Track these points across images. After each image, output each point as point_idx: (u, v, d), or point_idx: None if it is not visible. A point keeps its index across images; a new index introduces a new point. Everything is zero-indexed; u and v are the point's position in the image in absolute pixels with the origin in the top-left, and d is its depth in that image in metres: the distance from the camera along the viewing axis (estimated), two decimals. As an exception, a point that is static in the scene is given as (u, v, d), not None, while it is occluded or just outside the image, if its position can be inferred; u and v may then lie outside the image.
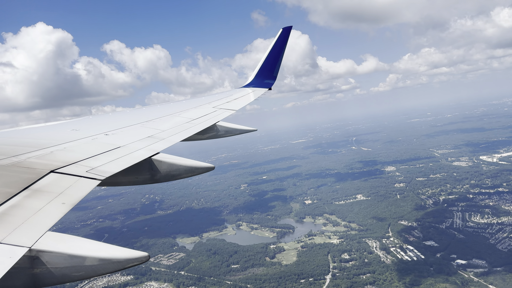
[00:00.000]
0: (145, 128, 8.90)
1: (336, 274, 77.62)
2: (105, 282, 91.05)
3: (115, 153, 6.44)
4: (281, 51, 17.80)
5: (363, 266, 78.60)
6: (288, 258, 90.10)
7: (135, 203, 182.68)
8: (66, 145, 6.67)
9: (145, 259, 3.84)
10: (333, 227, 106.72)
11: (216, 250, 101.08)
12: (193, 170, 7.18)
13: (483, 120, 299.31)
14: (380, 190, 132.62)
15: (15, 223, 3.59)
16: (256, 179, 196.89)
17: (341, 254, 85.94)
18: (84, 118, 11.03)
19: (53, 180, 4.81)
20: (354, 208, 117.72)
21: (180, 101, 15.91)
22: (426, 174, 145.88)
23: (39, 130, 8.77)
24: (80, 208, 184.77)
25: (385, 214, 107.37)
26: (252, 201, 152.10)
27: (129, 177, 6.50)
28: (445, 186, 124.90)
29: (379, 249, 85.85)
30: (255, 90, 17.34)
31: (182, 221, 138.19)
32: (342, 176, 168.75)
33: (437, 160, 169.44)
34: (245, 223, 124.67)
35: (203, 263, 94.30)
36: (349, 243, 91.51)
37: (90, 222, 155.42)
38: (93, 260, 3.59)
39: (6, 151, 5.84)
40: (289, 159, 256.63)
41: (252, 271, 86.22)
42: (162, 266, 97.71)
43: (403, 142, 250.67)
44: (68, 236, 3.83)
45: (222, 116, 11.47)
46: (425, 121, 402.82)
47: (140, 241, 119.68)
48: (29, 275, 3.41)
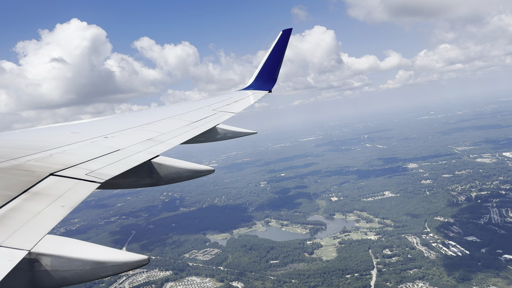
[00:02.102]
0: (144, 131, 8.88)
1: (381, 269, 77.72)
2: (145, 278, 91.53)
3: (115, 156, 6.43)
4: (281, 53, 17.76)
5: (408, 262, 78.69)
6: (327, 254, 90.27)
7: (154, 200, 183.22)
8: (66, 148, 6.65)
9: (145, 262, 3.80)
10: (366, 223, 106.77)
11: (251, 246, 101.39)
12: (192, 173, 7.13)
13: (496, 117, 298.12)
14: (408, 187, 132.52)
15: (14, 226, 3.57)
16: (274, 177, 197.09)
17: (383, 250, 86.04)
18: (84, 121, 10.99)
19: (52, 183, 4.78)
20: (385, 205, 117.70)
21: (180, 104, 15.85)
22: (451, 171, 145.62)
23: (39, 133, 8.75)
24: (100, 205, 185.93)
25: (418, 211, 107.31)
26: (276, 198, 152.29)
27: (128, 180, 6.45)
28: (474, 183, 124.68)
29: (421, 244, 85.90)
30: (255, 92, 17.34)
31: (208, 217, 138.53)
32: (364, 173, 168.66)
33: (459, 157, 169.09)
34: (274, 220, 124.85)
35: (241, 259, 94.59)
36: (388, 239, 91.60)
37: (113, 220, 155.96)
38: (92, 263, 3.56)
39: (6, 154, 5.82)
40: (303, 156, 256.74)
41: (293, 267, 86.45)
42: (198, 261, 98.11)
43: (418, 140, 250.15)
44: (67, 239, 3.82)
45: (222, 119, 11.45)
46: (435, 118, 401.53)
47: (171, 237, 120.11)
48: (29, 278, 3.38)
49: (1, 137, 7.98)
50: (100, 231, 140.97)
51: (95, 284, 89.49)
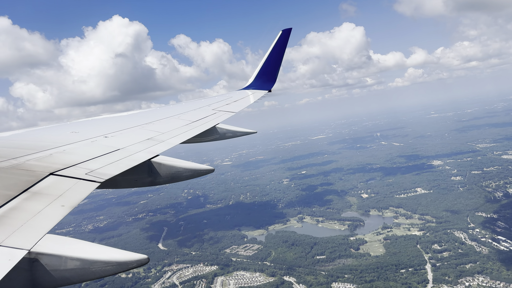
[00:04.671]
0: (144, 130, 8.89)
1: (435, 264, 78.15)
2: (191, 272, 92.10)
3: (115, 156, 6.43)
4: (281, 53, 17.78)
5: (461, 257, 79.14)
6: (373, 249, 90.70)
7: (177, 197, 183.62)
8: (66, 147, 6.64)
9: (145, 261, 3.78)
10: (406, 219, 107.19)
11: (293, 242, 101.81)
12: (192, 172, 7.14)
13: (510, 115, 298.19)
14: (440, 184, 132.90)
15: (14, 225, 3.57)
16: (295, 174, 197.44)
17: (431, 245, 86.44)
18: (84, 121, 11.00)
19: (52, 183, 4.78)
20: (421, 201, 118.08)
21: (180, 103, 15.91)
22: (479, 168, 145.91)
23: (39, 133, 8.74)
24: (123, 203, 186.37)
25: (457, 207, 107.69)
26: (304, 195, 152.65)
27: (128, 179, 6.46)
28: (507, 179, 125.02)
29: (469, 239, 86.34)
30: (255, 92, 17.34)
31: (239, 214, 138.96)
32: (389, 171, 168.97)
33: (483, 154, 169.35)
34: (308, 216, 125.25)
35: (285, 254, 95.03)
36: (434, 234, 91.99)
37: (141, 216, 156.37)
38: (92, 263, 3.57)
39: (6, 153, 5.81)
40: (319, 154, 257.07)
41: (341, 262, 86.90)
42: (241, 256, 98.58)
43: (435, 137, 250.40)
44: (67, 238, 3.83)
45: (222, 118, 11.47)
46: (445, 116, 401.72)
47: (207, 233, 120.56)
48: (28, 278, 3.39)
49: (1, 137, 7.99)
50: (130, 227, 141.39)
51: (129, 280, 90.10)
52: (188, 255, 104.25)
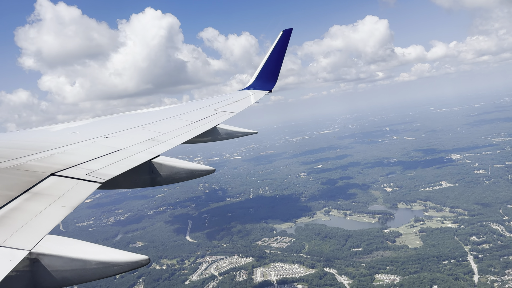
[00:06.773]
0: (145, 131, 8.91)
1: (478, 256, 78.55)
2: (228, 263, 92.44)
3: (115, 156, 6.46)
4: (281, 53, 17.70)
5: (502, 248, 79.50)
6: (410, 242, 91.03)
7: (194, 191, 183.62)
8: (66, 148, 6.66)
9: (146, 262, 3.79)
10: (437, 212, 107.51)
11: (326, 234, 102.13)
12: (193, 173, 7.18)
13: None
14: (464, 177, 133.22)
15: (15, 226, 3.58)
16: (312, 168, 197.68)
17: (470, 237, 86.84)
18: (85, 121, 11.01)
19: (53, 183, 4.79)
20: (448, 195, 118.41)
21: (181, 104, 15.95)
22: (501, 161, 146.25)
23: (40, 133, 8.78)
24: (139, 196, 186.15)
25: (487, 200, 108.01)
26: (325, 189, 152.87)
27: (129, 180, 6.51)
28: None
29: (507, 232, 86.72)
30: (256, 92, 17.34)
31: (262, 207, 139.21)
32: (408, 165, 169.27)
33: (502, 148, 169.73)
34: (335, 210, 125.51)
35: (321, 246, 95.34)
36: (470, 227, 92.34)
37: (162, 210, 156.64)
38: (93, 263, 3.57)
39: (7, 154, 5.84)
40: (331, 149, 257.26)
41: (379, 254, 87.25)
42: (275, 249, 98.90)
43: (447, 132, 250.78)
44: (68, 239, 3.82)
45: (222, 118, 11.52)
46: (452, 111, 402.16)
47: (234, 226, 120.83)
48: (29, 278, 3.39)
49: (1, 137, 8.01)
50: (153, 220, 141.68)
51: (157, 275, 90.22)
52: (220, 247, 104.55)
